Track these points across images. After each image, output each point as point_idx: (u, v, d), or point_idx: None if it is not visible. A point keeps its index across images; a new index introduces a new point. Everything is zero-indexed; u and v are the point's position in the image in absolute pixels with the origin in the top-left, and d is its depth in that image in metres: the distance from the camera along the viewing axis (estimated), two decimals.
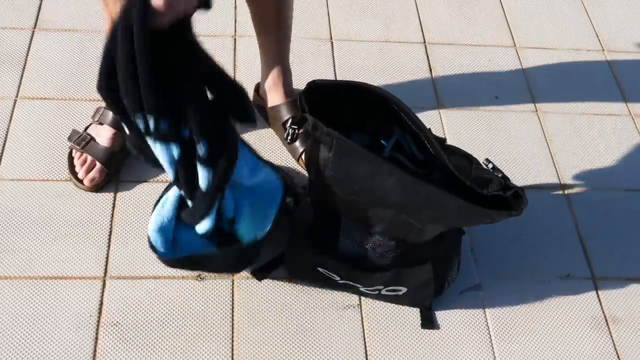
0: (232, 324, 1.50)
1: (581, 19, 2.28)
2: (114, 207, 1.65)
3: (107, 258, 1.57)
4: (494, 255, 1.67)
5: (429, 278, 1.49)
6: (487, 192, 1.35)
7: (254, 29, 1.76)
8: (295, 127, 1.37)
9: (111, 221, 1.63)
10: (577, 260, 1.68)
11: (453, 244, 1.53)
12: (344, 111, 1.41)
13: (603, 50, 2.19)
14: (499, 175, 1.37)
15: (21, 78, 1.87)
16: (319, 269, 1.51)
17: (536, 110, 1.99)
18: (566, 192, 1.81)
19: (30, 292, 1.50)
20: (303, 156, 1.75)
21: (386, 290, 1.51)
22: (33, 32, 1.99)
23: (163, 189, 1.45)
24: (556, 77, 2.09)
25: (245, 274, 1.57)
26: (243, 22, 2.09)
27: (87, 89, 1.87)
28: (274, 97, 1.78)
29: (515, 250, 1.68)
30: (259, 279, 1.57)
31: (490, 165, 1.38)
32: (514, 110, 1.98)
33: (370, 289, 1.52)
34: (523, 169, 1.84)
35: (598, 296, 1.63)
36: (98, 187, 1.66)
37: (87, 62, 1.93)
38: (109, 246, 1.59)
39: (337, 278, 1.51)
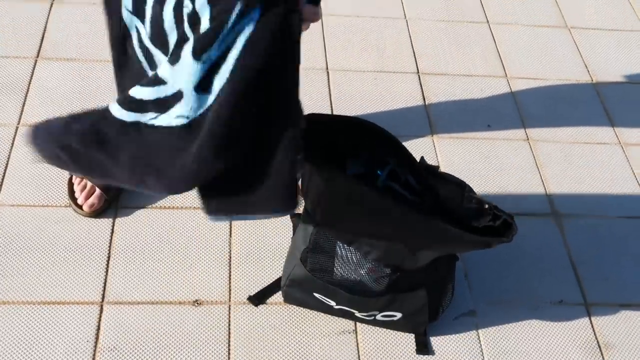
0: (229, 349, 1.51)
1: (570, 50, 2.33)
2: (112, 232, 1.67)
3: (104, 283, 1.58)
4: (488, 281, 1.69)
5: (424, 304, 1.50)
6: (477, 223, 1.37)
7: None
8: None
9: (109, 246, 1.64)
10: (569, 287, 1.70)
11: (447, 270, 1.55)
12: (339, 142, 1.43)
13: (592, 80, 2.23)
14: (486, 207, 1.39)
15: (23, 105, 1.89)
16: (315, 294, 1.53)
17: (527, 139, 2.03)
18: (558, 219, 1.84)
19: (28, 317, 1.51)
20: (299, 184, 1.77)
21: (381, 316, 1.53)
22: (36, 61, 2.02)
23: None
24: (547, 107, 2.13)
25: (242, 299, 1.59)
26: None
27: None
28: None
29: (508, 277, 1.70)
30: (256, 304, 1.58)
31: (475, 197, 1.41)
32: (506, 139, 2.02)
33: (365, 314, 1.53)
34: (515, 196, 1.87)
35: (591, 322, 1.65)
36: (97, 212, 1.68)
37: (88, 90, 1.96)
38: (107, 271, 1.60)
39: (333, 303, 1.53)
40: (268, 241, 1.70)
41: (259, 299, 1.59)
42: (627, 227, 1.85)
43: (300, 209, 1.68)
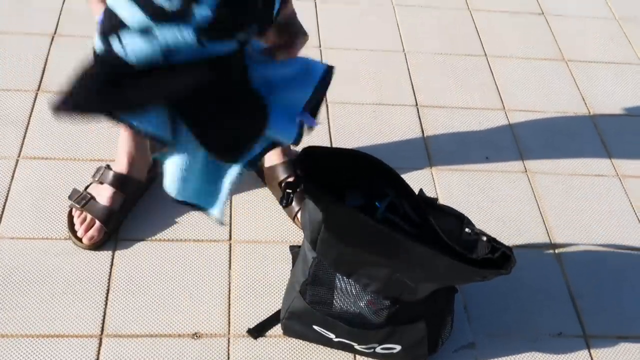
0: None
1: (568, 83, 2.35)
2: (112, 265, 1.67)
3: (104, 316, 1.58)
4: (487, 313, 1.68)
5: (423, 336, 1.50)
6: (476, 256, 1.38)
7: None
8: (290, 191, 1.41)
9: (109, 279, 1.64)
10: (568, 319, 1.70)
11: (446, 302, 1.56)
12: (338, 173, 1.45)
13: (589, 113, 2.25)
14: (485, 239, 1.40)
15: (23, 138, 1.91)
16: (314, 327, 1.53)
17: (526, 171, 2.04)
18: (557, 251, 1.84)
19: (27, 350, 1.51)
20: (299, 215, 1.78)
21: (381, 349, 1.53)
22: (36, 94, 2.04)
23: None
24: (545, 139, 2.14)
25: (241, 332, 1.59)
26: None
27: (88, 149, 1.91)
28: (272, 157, 1.82)
29: (507, 309, 1.70)
30: (255, 337, 1.58)
31: (473, 230, 1.42)
32: (504, 171, 2.03)
33: (365, 347, 1.53)
34: (514, 228, 1.88)
35: (590, 354, 1.64)
36: (97, 245, 1.69)
37: (89, 123, 1.97)
38: (106, 304, 1.60)
39: (332, 336, 1.53)
40: (267, 273, 1.71)
41: (258, 331, 1.59)
42: (626, 259, 1.85)
43: (299, 241, 1.69)
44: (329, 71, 1.28)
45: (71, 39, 2.23)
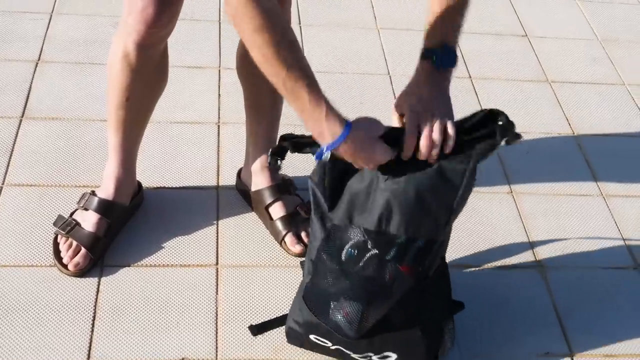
0: None
1: (551, 104, 2.37)
2: (98, 291, 1.66)
3: (90, 343, 1.57)
4: (474, 333, 1.68)
5: (419, 345, 1.49)
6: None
7: (245, 117, 1.82)
8: (277, 156, 1.39)
9: (95, 306, 1.63)
10: (555, 338, 1.70)
11: (442, 312, 1.55)
12: None
13: (574, 133, 2.27)
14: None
15: (8, 166, 1.90)
16: (310, 336, 1.53)
17: (511, 192, 2.05)
18: (543, 271, 1.85)
19: None
20: (286, 239, 1.78)
21: (377, 357, 1.51)
22: (21, 120, 2.04)
23: None
24: (529, 160, 2.15)
25: (228, 356, 1.58)
26: (227, 109, 2.15)
27: (73, 175, 1.90)
28: (259, 181, 1.82)
29: (494, 329, 1.70)
30: (254, 334, 1.57)
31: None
32: (490, 192, 2.04)
33: (360, 355, 1.52)
34: (500, 249, 1.88)
35: None
36: (82, 272, 1.68)
37: (73, 149, 1.97)
38: (92, 331, 1.59)
39: (329, 344, 1.52)
40: (255, 297, 1.70)
41: (259, 329, 1.57)
42: (611, 277, 1.86)
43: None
44: None
45: (55, 64, 2.23)
